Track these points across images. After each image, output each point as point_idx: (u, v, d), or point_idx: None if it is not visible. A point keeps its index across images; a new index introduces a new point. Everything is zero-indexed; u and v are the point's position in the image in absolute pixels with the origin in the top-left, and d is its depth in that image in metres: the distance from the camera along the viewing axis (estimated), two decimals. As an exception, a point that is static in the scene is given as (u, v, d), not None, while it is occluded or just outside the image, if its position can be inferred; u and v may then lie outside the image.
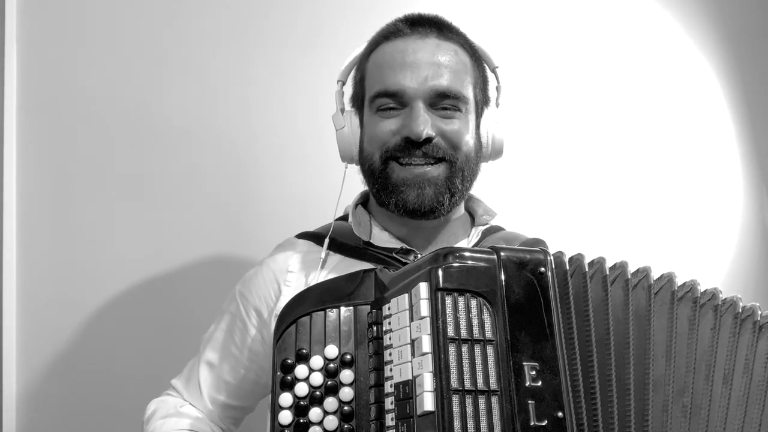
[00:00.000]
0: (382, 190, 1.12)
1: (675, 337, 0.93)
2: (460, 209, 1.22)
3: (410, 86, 1.09)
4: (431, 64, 1.10)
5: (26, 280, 1.54)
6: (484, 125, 1.18)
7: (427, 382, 0.79)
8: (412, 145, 1.09)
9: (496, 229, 1.25)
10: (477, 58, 1.19)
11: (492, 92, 1.23)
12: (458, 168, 1.11)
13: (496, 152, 1.20)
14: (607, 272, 0.93)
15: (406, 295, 0.86)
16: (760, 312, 0.98)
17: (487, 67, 1.22)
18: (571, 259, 0.93)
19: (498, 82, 1.22)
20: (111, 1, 1.64)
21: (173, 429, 1.13)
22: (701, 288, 0.97)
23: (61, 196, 1.57)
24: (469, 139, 1.13)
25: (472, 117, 1.15)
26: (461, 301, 0.82)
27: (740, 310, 0.97)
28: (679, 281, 0.97)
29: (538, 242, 1.23)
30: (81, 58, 1.61)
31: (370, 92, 1.14)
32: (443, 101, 1.10)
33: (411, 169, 1.10)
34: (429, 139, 1.09)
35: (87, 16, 1.63)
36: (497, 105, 1.22)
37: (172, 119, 1.63)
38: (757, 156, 2.00)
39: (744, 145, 2.00)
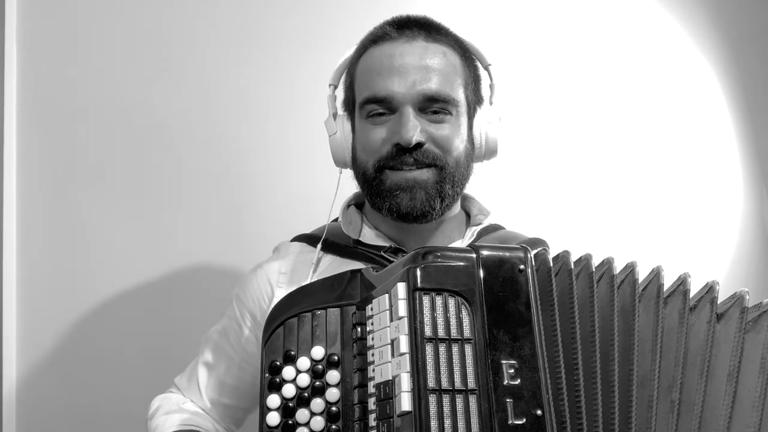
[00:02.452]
0: (376, 195, 1.12)
1: (662, 333, 0.92)
2: (455, 209, 1.22)
3: (398, 91, 1.09)
4: (419, 68, 1.09)
5: (26, 280, 1.55)
6: (477, 125, 1.17)
7: (405, 382, 0.79)
8: (402, 151, 1.08)
9: (494, 229, 1.25)
10: (468, 57, 1.19)
11: (486, 90, 1.22)
12: (448, 173, 1.11)
13: (490, 152, 1.19)
14: (593, 269, 0.93)
15: (387, 296, 0.86)
16: None
17: (480, 65, 1.21)
18: (556, 257, 0.93)
19: (491, 79, 1.22)
20: (110, 2, 1.66)
21: (176, 424, 1.14)
22: (691, 281, 0.95)
23: (61, 196, 1.59)
24: (459, 144, 1.12)
25: (463, 119, 1.14)
26: (439, 300, 0.82)
27: (747, 305, 0.94)
28: (669, 276, 0.96)
29: (537, 242, 1.22)
30: (80, 59, 1.63)
31: (360, 98, 1.14)
32: (432, 105, 1.10)
33: (402, 174, 1.09)
34: (420, 145, 1.08)
35: (86, 16, 1.64)
36: (491, 103, 1.21)
37: (171, 119, 1.65)
38: (757, 156, 1.99)
39: (744, 145, 1.98)
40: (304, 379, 0.93)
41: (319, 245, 1.18)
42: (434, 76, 1.10)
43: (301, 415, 0.92)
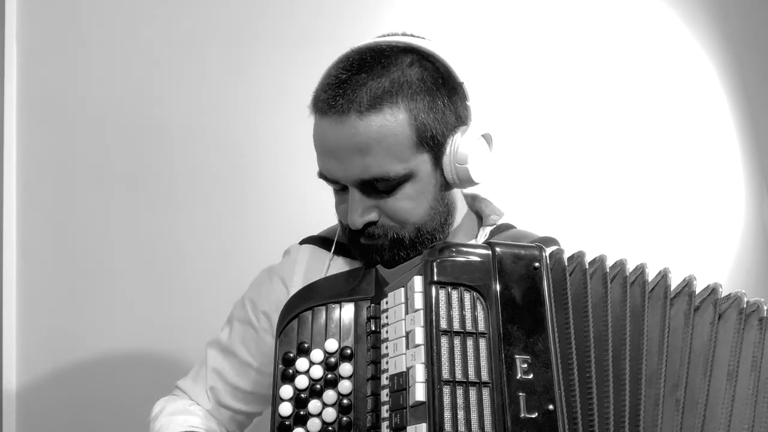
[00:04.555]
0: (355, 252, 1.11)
1: (668, 333, 0.93)
2: (458, 218, 1.17)
3: (339, 175, 1.03)
4: (353, 151, 1.00)
5: (26, 280, 1.55)
6: (447, 163, 1.06)
7: (419, 373, 0.80)
8: (357, 231, 1.06)
9: (506, 227, 1.24)
10: (430, 88, 1.03)
11: (462, 110, 1.07)
12: (407, 238, 1.05)
13: (465, 182, 1.07)
14: (608, 270, 0.94)
15: (402, 289, 0.87)
16: (766, 308, 0.96)
17: (453, 88, 1.06)
18: (571, 256, 0.94)
19: (467, 98, 1.06)
20: (110, 2, 1.66)
21: (182, 424, 1.13)
22: (696, 283, 0.97)
23: (61, 197, 1.59)
24: (419, 206, 1.05)
25: (424, 173, 1.04)
26: (455, 294, 0.83)
27: (745, 306, 0.95)
28: (676, 277, 0.97)
29: (548, 240, 1.23)
30: (80, 59, 1.64)
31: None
32: (377, 184, 1.02)
33: (364, 242, 1.06)
34: (371, 223, 1.05)
35: (86, 16, 1.65)
36: (467, 123, 1.07)
37: (172, 119, 1.65)
38: (758, 156, 2.00)
39: (745, 145, 1.99)
40: (317, 371, 0.94)
41: (332, 249, 1.18)
42: (371, 159, 1.00)
43: (314, 406, 0.93)
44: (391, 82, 1.01)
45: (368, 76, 1.01)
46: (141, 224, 1.61)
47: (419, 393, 0.80)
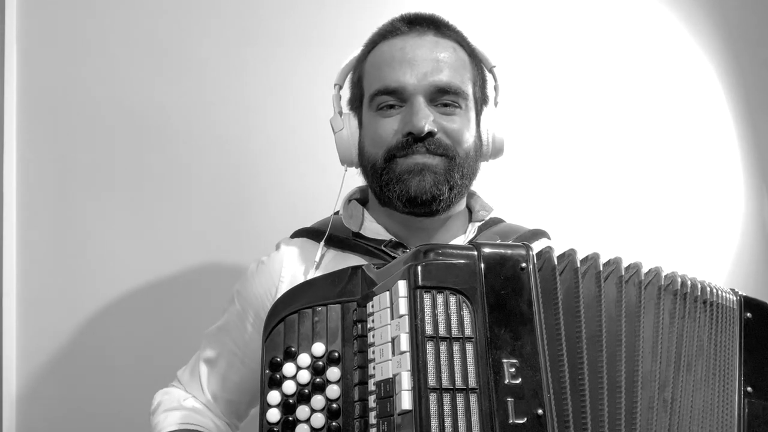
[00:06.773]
0: (385, 185, 1.12)
1: (661, 333, 0.93)
2: (460, 206, 1.21)
3: (410, 82, 1.09)
4: (430, 60, 1.10)
5: (26, 280, 1.55)
6: (484, 124, 1.18)
7: (405, 380, 0.79)
8: (414, 141, 1.08)
9: (495, 222, 1.25)
10: (475, 57, 1.19)
11: (490, 92, 1.22)
12: (458, 164, 1.11)
13: (497, 151, 1.20)
14: (601, 268, 0.93)
15: (387, 293, 0.86)
16: (709, 289, 0.99)
17: (484, 68, 1.22)
18: (562, 255, 0.93)
19: (496, 81, 1.22)
20: (110, 2, 1.65)
21: (175, 422, 1.15)
22: (680, 280, 0.97)
23: (61, 197, 1.58)
24: (469, 137, 1.13)
25: (472, 114, 1.15)
26: (440, 298, 0.82)
27: (699, 293, 0.98)
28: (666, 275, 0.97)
29: (537, 233, 1.23)
30: (80, 58, 1.63)
31: (370, 91, 1.14)
32: (443, 97, 1.10)
33: (413, 158, 1.09)
34: (431, 134, 1.08)
35: (86, 16, 1.64)
36: (496, 104, 1.22)
37: (172, 119, 1.64)
38: (758, 156, 1.99)
39: (745, 145, 1.98)
40: (305, 376, 0.93)
41: (322, 242, 1.17)
42: (445, 68, 1.11)
43: (302, 411, 0.91)
44: (456, 30, 1.19)
45: (438, 19, 1.18)
46: (140, 223, 1.61)
47: (405, 401, 0.78)
